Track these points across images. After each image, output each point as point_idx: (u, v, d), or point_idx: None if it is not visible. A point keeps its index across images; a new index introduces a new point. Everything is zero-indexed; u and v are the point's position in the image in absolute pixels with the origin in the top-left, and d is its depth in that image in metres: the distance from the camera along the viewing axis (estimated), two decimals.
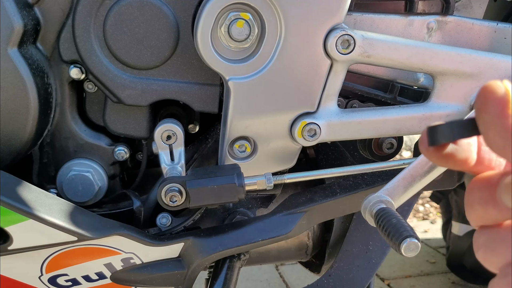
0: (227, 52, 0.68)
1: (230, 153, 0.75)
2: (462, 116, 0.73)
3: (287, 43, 0.68)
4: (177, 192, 0.68)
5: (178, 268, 0.75)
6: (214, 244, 0.75)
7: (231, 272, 0.77)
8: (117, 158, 0.79)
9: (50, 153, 0.78)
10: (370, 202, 0.50)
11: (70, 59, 0.73)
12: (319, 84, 0.71)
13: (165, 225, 0.78)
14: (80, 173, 0.77)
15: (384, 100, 0.85)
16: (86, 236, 0.67)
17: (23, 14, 0.67)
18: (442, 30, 0.79)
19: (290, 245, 0.94)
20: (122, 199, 0.80)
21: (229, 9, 0.66)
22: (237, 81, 0.69)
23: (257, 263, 0.97)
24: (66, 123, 0.77)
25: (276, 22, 0.67)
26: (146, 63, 0.72)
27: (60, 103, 0.76)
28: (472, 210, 0.35)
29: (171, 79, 0.73)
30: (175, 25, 0.71)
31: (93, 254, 0.72)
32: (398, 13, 0.79)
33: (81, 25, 0.70)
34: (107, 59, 0.72)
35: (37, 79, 0.70)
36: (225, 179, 0.68)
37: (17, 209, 0.63)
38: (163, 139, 0.71)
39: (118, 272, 0.74)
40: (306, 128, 0.72)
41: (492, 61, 0.73)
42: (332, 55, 0.68)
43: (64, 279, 0.74)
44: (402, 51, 0.70)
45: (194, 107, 0.75)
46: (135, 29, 0.70)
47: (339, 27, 0.68)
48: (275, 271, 1.86)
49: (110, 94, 0.73)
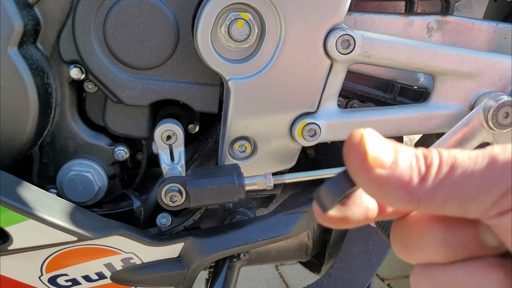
0: (227, 52, 0.68)
1: (230, 153, 0.75)
2: (462, 116, 0.73)
3: (287, 43, 0.68)
4: (177, 192, 0.68)
5: (178, 268, 0.75)
6: (214, 244, 0.75)
7: (231, 272, 0.77)
8: (117, 158, 0.79)
9: (50, 153, 0.78)
10: None
11: (70, 59, 0.73)
12: (319, 84, 0.71)
13: (165, 225, 0.78)
14: (80, 173, 0.77)
15: (384, 100, 0.85)
16: (86, 236, 0.67)
17: (23, 14, 0.67)
18: (442, 30, 0.79)
19: (290, 245, 0.94)
20: (122, 199, 0.80)
21: (229, 9, 0.66)
22: (237, 81, 0.69)
23: (257, 263, 0.97)
24: (66, 123, 0.77)
25: (276, 22, 0.67)
26: (146, 63, 0.72)
27: (60, 103, 0.76)
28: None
29: (171, 79, 0.73)
30: (175, 25, 0.71)
31: (93, 254, 0.72)
32: (398, 13, 0.79)
33: (81, 25, 0.70)
34: (107, 59, 0.72)
35: (37, 79, 0.69)
36: (225, 179, 0.68)
37: (17, 209, 0.63)
38: (163, 139, 0.71)
39: (118, 272, 0.74)
40: (306, 128, 0.72)
41: (492, 61, 0.73)
42: (332, 55, 0.68)
43: (64, 279, 0.74)
44: (402, 51, 0.70)
45: (194, 107, 0.75)
46: (135, 29, 0.70)
47: (339, 27, 0.68)
48: (275, 271, 1.86)
49: (110, 94, 0.73)
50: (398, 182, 0.28)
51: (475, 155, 0.29)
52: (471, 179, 0.28)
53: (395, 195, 0.29)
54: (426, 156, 0.29)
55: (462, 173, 0.28)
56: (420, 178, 0.29)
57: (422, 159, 0.29)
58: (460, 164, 0.28)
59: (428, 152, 0.29)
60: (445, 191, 0.28)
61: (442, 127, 0.76)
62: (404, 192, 0.29)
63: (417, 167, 0.29)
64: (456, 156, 0.29)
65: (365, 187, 0.30)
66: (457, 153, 0.29)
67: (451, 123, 0.74)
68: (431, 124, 0.75)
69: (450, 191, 0.28)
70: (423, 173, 0.29)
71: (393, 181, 0.28)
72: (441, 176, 0.28)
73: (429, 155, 0.29)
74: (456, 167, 0.28)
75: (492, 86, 0.74)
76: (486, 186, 0.28)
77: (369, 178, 0.29)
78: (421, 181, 0.29)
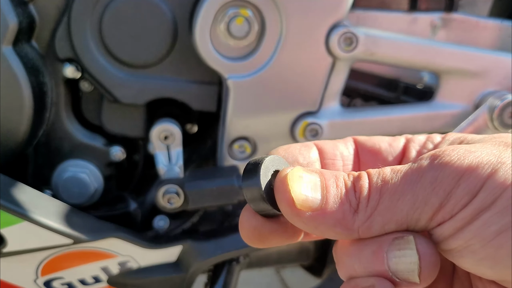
0: (226, 49, 0.68)
1: (230, 154, 0.74)
2: (467, 116, 0.72)
3: (288, 40, 0.67)
4: (175, 194, 0.67)
5: (176, 272, 0.75)
6: (213, 248, 0.74)
7: (230, 276, 0.77)
8: (113, 159, 0.78)
9: (45, 153, 0.77)
10: None
11: (66, 57, 0.72)
12: (321, 82, 0.70)
13: (162, 227, 0.77)
14: (76, 174, 0.76)
15: (387, 99, 0.85)
16: (82, 239, 0.67)
17: (18, 12, 0.67)
18: (447, 27, 0.78)
19: (291, 248, 0.93)
20: (118, 201, 0.79)
21: (228, 5, 0.66)
22: (236, 79, 0.69)
23: (257, 266, 0.96)
24: (62, 123, 0.76)
25: (276, 19, 0.67)
26: (143, 61, 0.72)
27: (55, 103, 0.75)
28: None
29: (169, 78, 0.73)
30: (173, 22, 0.70)
31: (89, 257, 0.72)
32: (402, 10, 0.78)
33: (77, 23, 0.70)
34: (104, 57, 0.71)
35: (32, 77, 0.69)
36: (225, 180, 0.68)
37: (11, 211, 0.63)
38: (161, 139, 0.71)
39: (114, 275, 0.73)
40: (308, 128, 0.72)
41: (497, 59, 0.74)
42: (335, 52, 0.68)
43: (59, 282, 0.73)
44: (406, 49, 0.70)
45: (192, 106, 0.74)
46: (132, 26, 0.70)
47: (341, 24, 0.67)
48: (276, 274, 1.85)
49: (107, 93, 0.73)
50: (331, 220, 0.28)
51: (406, 170, 0.28)
52: (403, 201, 0.27)
53: (332, 231, 0.29)
54: (355, 186, 0.29)
55: (393, 197, 0.28)
56: (353, 212, 0.28)
57: (351, 190, 0.29)
58: (390, 186, 0.28)
59: (358, 178, 0.29)
60: (380, 218, 0.28)
61: (447, 126, 0.76)
62: (340, 228, 0.28)
63: (347, 201, 0.28)
64: (386, 176, 0.28)
65: (301, 227, 0.29)
66: (387, 172, 0.28)
67: (456, 122, 0.74)
68: (435, 123, 0.75)
69: (385, 217, 0.28)
70: (355, 206, 0.28)
71: (326, 220, 0.28)
72: (373, 204, 0.28)
73: (358, 183, 0.29)
74: (386, 190, 0.28)
75: (498, 85, 0.74)
76: (418, 205, 0.27)
77: (302, 221, 0.28)
78: (354, 214, 0.28)
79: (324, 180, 0.29)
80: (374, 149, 0.35)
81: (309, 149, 0.35)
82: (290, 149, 0.34)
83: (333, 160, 0.35)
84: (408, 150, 0.35)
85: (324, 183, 0.29)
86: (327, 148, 0.35)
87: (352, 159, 0.35)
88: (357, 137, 0.36)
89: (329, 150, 0.35)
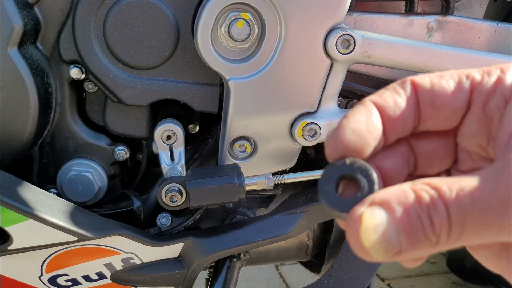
0: (227, 52, 0.68)
1: (230, 153, 0.75)
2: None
3: (287, 43, 0.68)
4: (177, 192, 0.68)
5: (178, 268, 0.75)
6: (214, 244, 0.75)
7: (231, 272, 0.77)
8: (117, 158, 0.79)
9: (50, 153, 0.78)
10: None
11: (70, 59, 0.73)
12: (319, 84, 0.71)
13: (165, 225, 0.78)
14: (80, 173, 0.77)
15: None
16: (86, 236, 0.67)
17: (23, 14, 0.67)
18: (442, 30, 0.79)
19: (290, 245, 0.94)
20: (122, 199, 0.80)
21: (229, 9, 0.66)
22: (237, 81, 0.69)
23: (257, 263, 0.97)
24: (66, 123, 0.77)
25: (276, 22, 0.67)
26: (146, 63, 0.72)
27: (60, 103, 0.76)
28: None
29: (171, 79, 0.73)
30: (175, 25, 0.71)
31: (93, 254, 0.72)
32: (399, 13, 0.79)
33: (81, 25, 0.70)
34: (107, 59, 0.72)
35: (37, 79, 0.69)
36: (225, 179, 0.68)
37: (17, 209, 0.63)
38: (163, 139, 0.71)
39: (118, 272, 0.74)
40: (306, 128, 0.72)
41: (492, 61, 0.73)
42: (332, 55, 0.68)
43: (64, 279, 0.74)
44: (402, 51, 0.70)
45: (194, 107, 0.75)
46: (135, 29, 0.70)
47: (339, 27, 0.68)
48: (275, 271, 1.86)
49: (110, 94, 0.73)
50: (412, 253, 0.27)
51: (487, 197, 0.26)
52: (489, 231, 0.27)
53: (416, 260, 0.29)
54: (432, 221, 0.27)
55: (477, 228, 0.27)
56: (433, 246, 0.27)
57: (430, 229, 0.27)
58: (472, 219, 0.26)
59: (433, 209, 0.27)
60: (460, 243, 0.28)
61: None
62: (425, 253, 0.28)
63: (427, 239, 0.27)
64: (467, 208, 0.26)
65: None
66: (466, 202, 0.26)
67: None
68: None
69: (466, 241, 0.27)
70: (435, 242, 0.27)
71: (407, 255, 0.27)
72: (454, 237, 0.27)
73: (435, 218, 0.27)
74: (468, 224, 0.26)
75: None
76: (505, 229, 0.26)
77: (384, 259, 0.28)
78: (435, 246, 0.28)
79: (396, 222, 0.27)
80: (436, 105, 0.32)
81: (373, 122, 0.32)
82: (356, 130, 0.31)
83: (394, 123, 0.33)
84: (474, 103, 0.32)
85: (399, 227, 0.27)
86: (389, 113, 0.33)
87: (413, 112, 0.33)
88: (416, 82, 0.33)
89: (391, 113, 0.32)
